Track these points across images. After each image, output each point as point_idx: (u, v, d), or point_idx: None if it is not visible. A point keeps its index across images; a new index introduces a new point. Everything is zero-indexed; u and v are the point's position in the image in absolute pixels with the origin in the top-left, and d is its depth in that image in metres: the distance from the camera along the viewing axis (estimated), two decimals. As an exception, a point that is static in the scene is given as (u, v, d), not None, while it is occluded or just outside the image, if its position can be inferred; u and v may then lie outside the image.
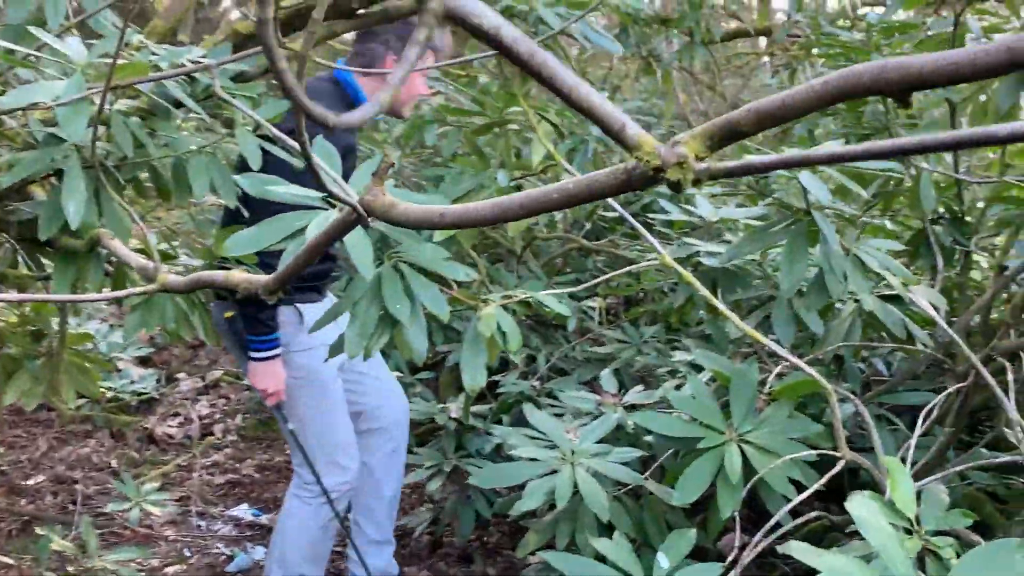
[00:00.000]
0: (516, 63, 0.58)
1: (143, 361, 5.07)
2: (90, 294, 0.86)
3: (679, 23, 4.63)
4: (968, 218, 2.83)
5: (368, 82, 2.59)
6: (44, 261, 2.76)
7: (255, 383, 2.55)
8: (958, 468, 1.94)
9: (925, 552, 1.56)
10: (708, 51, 4.93)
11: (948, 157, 2.68)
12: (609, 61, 6.32)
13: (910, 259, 2.84)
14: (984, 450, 2.42)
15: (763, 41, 6.55)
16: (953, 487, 2.31)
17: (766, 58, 6.83)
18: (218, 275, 1.21)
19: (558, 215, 2.74)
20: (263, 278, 1.15)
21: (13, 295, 2.04)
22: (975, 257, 2.94)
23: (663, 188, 0.71)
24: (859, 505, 1.14)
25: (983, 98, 2.66)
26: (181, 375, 5.10)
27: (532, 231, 3.81)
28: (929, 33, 2.56)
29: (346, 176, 2.64)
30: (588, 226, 4.67)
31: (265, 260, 1.85)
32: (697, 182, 0.52)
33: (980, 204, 2.88)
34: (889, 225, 2.98)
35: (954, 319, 2.56)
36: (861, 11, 5.87)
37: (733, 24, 6.37)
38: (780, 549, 1.20)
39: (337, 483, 2.67)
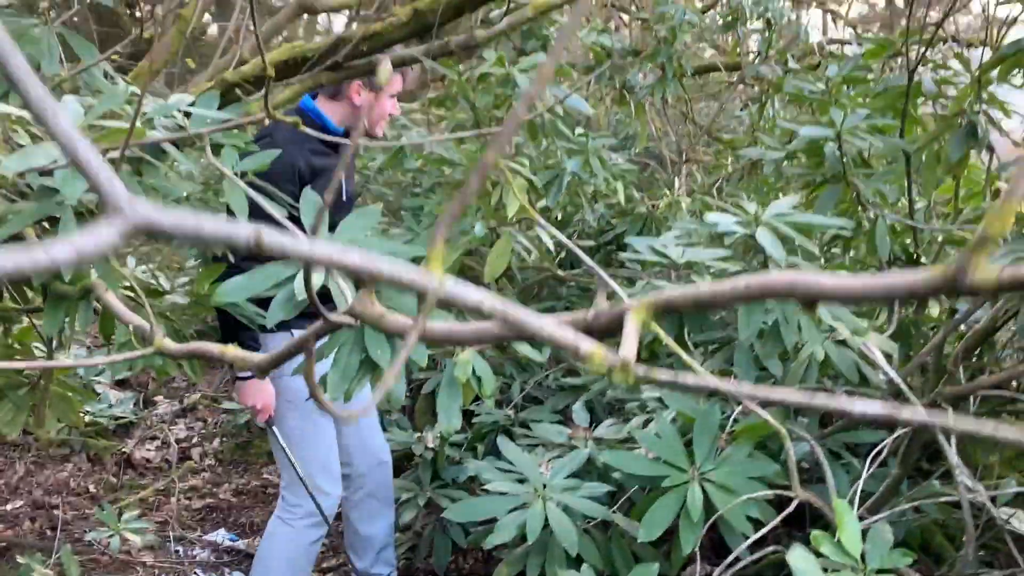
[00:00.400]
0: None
1: (120, 383, 5.10)
2: (94, 359, 0.91)
3: (652, 59, 4.77)
4: (924, 260, 2.97)
5: (334, 107, 2.66)
6: (29, 293, 2.83)
7: (243, 401, 2.65)
8: (907, 505, 2.05)
9: (870, 589, 1.68)
10: (680, 84, 5.08)
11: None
12: (585, 88, 6.47)
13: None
14: (937, 483, 2.55)
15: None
16: (906, 520, 2.44)
17: (741, 86, 7.03)
18: (214, 348, 1.28)
19: (533, 251, 2.85)
20: (257, 356, 1.23)
21: (19, 362, 2.11)
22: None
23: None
24: (797, 557, 1.25)
25: (936, 148, 2.81)
26: (158, 398, 5.14)
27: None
28: (884, 87, 2.70)
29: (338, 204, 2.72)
30: (563, 254, 4.79)
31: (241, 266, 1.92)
32: (636, 381, 0.62)
33: (939, 240, 3.01)
34: (847, 265, 3.12)
35: (912, 354, 2.69)
36: (829, 46, 6.08)
37: (708, 53, 6.55)
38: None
39: (309, 507, 2.75)
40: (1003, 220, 0.61)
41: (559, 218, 4.90)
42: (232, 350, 1.23)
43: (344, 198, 2.78)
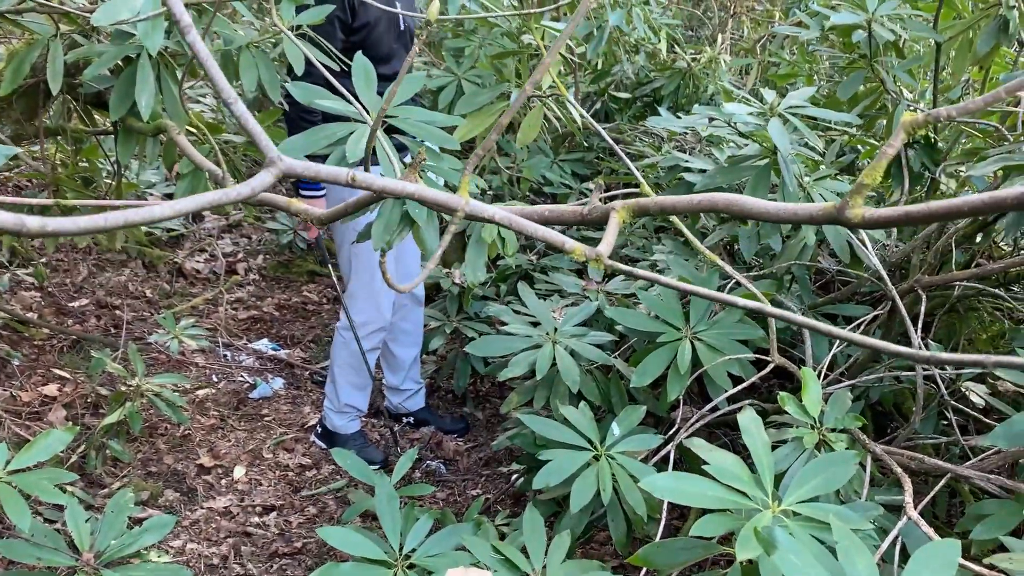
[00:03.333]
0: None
1: (169, 197, 5.41)
2: (172, 203, 1.10)
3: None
4: (941, 144, 3.09)
5: None
6: (97, 118, 3.06)
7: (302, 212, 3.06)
8: (869, 377, 2.32)
9: (822, 444, 1.97)
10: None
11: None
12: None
13: (882, 179, 3.12)
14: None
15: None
16: (882, 386, 2.72)
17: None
18: (280, 200, 1.52)
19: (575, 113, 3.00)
20: (318, 211, 1.47)
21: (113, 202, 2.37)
22: (944, 180, 3.21)
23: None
24: (746, 418, 1.51)
25: (968, 38, 2.86)
26: (206, 213, 5.45)
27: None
28: None
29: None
30: (598, 105, 4.89)
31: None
32: (607, 273, 0.84)
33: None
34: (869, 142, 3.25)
35: (917, 236, 2.87)
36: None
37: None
38: (684, 443, 1.59)
39: (367, 320, 3.17)
40: (875, 174, 0.80)
41: (599, 67, 4.96)
42: (297, 202, 1.47)
43: (402, 27, 2.93)
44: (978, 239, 2.79)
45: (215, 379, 3.81)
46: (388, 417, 3.51)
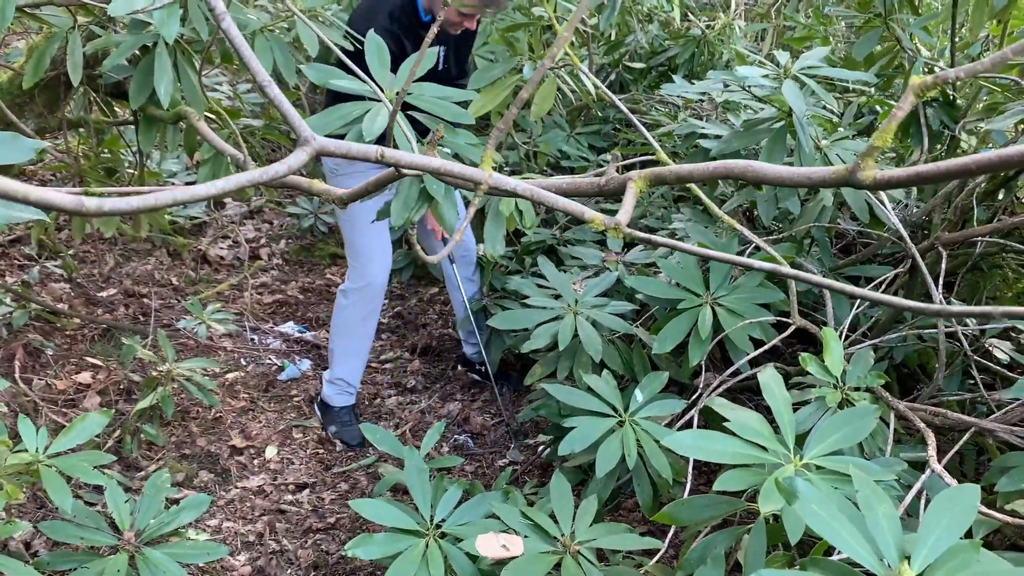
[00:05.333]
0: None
1: (191, 184, 5.46)
2: (196, 188, 1.14)
3: None
4: (960, 101, 3.06)
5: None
6: (117, 109, 3.10)
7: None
8: (891, 336, 2.32)
9: (844, 402, 1.98)
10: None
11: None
12: None
13: (901, 138, 3.10)
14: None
15: None
16: (906, 345, 2.72)
17: None
18: (303, 181, 1.55)
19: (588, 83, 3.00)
20: (339, 191, 1.49)
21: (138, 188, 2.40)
22: (965, 137, 3.18)
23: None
24: (766, 376, 1.53)
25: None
26: (227, 199, 5.50)
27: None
28: None
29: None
30: (612, 76, 4.87)
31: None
32: (625, 241, 0.86)
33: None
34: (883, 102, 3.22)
35: (937, 194, 2.85)
36: None
37: None
38: (706, 404, 1.61)
39: (357, 285, 3.28)
40: (885, 136, 0.81)
41: (612, 38, 4.93)
42: (319, 184, 1.50)
43: (440, 67, 3.00)
44: (1000, 195, 2.77)
45: (243, 362, 3.87)
46: (463, 364, 3.82)
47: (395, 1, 2.79)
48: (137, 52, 2.28)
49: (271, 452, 3.26)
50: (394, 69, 1.98)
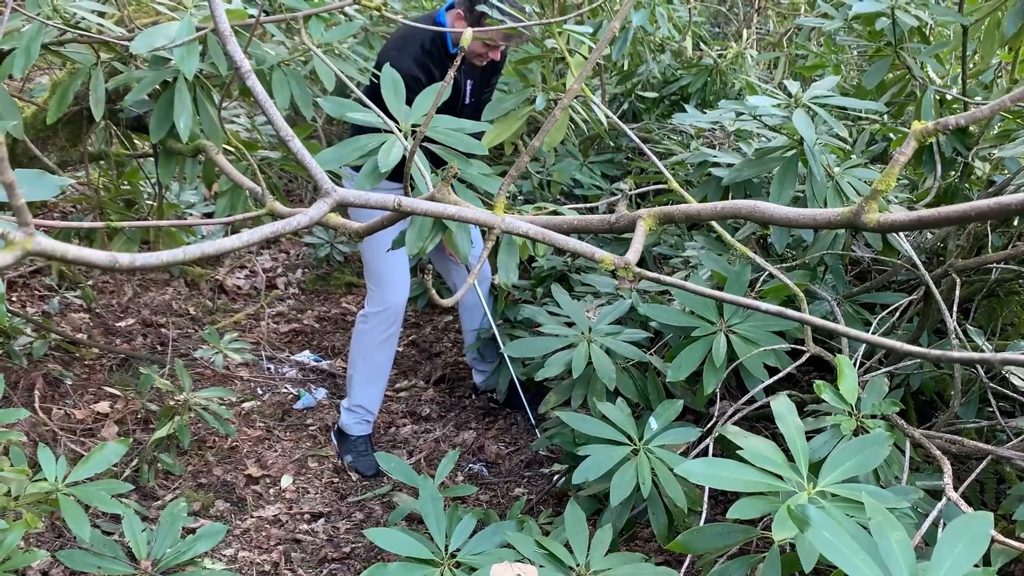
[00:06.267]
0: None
1: (208, 216, 5.53)
2: (214, 220, 1.19)
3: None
4: (972, 128, 3.06)
5: (451, 23, 3.04)
6: (137, 143, 3.16)
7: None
8: (908, 363, 2.31)
9: (859, 430, 1.98)
10: None
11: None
12: None
13: (914, 166, 3.11)
14: (956, 340, 2.80)
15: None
16: (922, 372, 2.70)
17: None
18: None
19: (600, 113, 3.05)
20: (355, 224, 1.52)
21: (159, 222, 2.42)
22: (978, 163, 3.18)
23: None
24: (779, 404, 1.53)
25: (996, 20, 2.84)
26: (244, 230, 5.56)
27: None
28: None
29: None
30: (625, 105, 4.91)
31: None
32: (634, 279, 0.88)
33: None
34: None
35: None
36: None
37: None
38: (720, 432, 1.61)
39: (376, 309, 3.31)
40: (888, 180, 0.83)
41: (624, 67, 4.98)
42: (335, 217, 1.52)
43: (467, 100, 3.07)
44: (1016, 221, 2.77)
45: (260, 391, 3.89)
46: (476, 393, 3.86)
47: (427, 33, 2.86)
48: (158, 87, 2.33)
49: (287, 481, 3.27)
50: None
